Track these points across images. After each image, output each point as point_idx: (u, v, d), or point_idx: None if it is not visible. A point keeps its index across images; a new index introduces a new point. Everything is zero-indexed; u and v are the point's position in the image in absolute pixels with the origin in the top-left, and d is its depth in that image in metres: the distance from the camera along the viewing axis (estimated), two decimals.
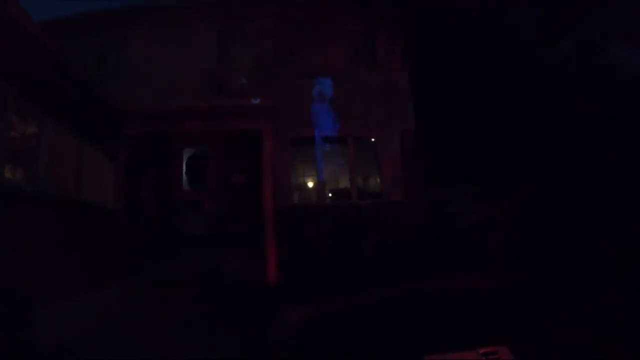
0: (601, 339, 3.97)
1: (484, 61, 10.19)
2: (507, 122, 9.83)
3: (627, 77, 9.54)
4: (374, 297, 6.13)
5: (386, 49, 10.04)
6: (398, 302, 5.78)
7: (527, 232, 7.88)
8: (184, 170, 10.92)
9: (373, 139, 9.75)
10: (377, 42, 10.09)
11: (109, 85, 8.43)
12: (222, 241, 9.05)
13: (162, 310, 6.22)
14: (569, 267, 6.59)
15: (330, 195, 10.47)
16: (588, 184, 8.57)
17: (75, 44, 9.42)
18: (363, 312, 5.56)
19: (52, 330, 4.76)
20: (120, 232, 7.70)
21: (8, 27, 4.74)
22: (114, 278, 6.85)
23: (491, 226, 8.15)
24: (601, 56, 10.11)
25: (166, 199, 10.15)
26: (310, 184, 11.69)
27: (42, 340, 4.55)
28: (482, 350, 2.87)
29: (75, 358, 4.68)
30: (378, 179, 9.77)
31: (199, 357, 4.80)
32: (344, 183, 10.36)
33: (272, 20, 9.88)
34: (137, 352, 4.83)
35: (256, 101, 8.63)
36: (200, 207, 10.28)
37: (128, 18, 9.99)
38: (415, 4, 10.08)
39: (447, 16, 10.41)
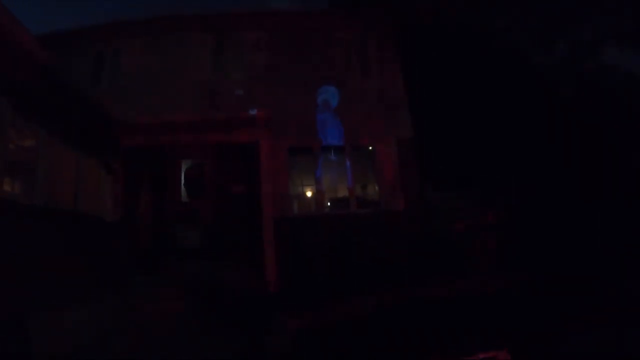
0: (600, 341, 3.95)
1: (477, 67, 10.28)
2: (502, 126, 9.88)
3: (620, 77, 9.63)
4: (373, 304, 6.10)
5: (380, 57, 10.12)
6: (397, 308, 5.75)
7: (524, 234, 7.88)
8: (182, 182, 10.91)
9: (370, 147, 9.78)
10: (370, 51, 10.17)
11: (105, 97, 8.46)
12: (221, 251, 9.02)
13: (160, 319, 6.17)
14: (566, 270, 6.57)
15: (329, 204, 10.45)
16: (583, 186, 8.60)
17: (70, 57, 9.48)
18: (361, 319, 5.53)
19: (47, 342, 4.71)
20: (118, 243, 7.67)
21: None
22: (112, 289, 6.80)
23: (488, 230, 8.15)
24: (595, 57, 10.21)
25: (164, 210, 10.13)
26: (309, 193, 11.66)
27: (38, 352, 4.50)
28: (481, 355, 2.84)
29: None
30: (376, 187, 9.78)
31: None
32: (343, 192, 10.35)
33: (266, 32, 9.98)
34: None
35: (253, 112, 8.66)
36: (198, 218, 10.26)
37: (123, 30, 10.08)
38: (406, 10, 10.20)
39: (439, 23, 10.53)
